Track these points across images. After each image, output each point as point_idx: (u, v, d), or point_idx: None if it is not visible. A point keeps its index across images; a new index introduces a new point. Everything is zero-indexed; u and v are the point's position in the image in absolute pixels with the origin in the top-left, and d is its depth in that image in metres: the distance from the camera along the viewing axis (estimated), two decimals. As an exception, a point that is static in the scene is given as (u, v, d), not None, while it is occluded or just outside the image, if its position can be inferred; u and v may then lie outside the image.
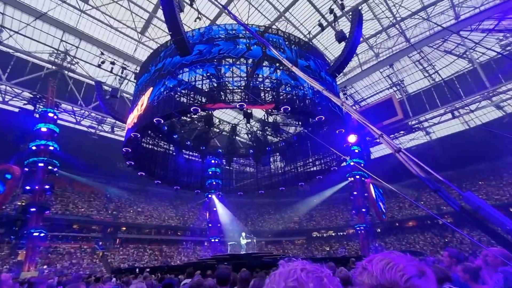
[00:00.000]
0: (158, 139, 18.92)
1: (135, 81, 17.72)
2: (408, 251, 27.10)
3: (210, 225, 27.98)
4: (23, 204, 20.38)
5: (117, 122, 23.95)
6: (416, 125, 28.88)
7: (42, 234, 18.87)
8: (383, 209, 26.29)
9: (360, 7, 19.03)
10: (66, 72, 23.59)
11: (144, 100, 13.42)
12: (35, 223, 18.42)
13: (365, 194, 25.11)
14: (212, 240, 27.60)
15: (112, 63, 19.49)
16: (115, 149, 23.03)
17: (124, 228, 31.21)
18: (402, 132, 29.41)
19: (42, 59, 22.42)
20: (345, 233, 36.12)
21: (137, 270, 12.45)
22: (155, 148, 18.79)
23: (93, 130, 26.77)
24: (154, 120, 12.43)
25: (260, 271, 5.90)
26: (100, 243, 28.50)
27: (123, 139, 17.54)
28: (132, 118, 14.07)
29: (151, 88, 13.21)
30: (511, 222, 0.85)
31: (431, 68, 26.50)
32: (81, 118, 25.59)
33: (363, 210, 24.81)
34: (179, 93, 12.41)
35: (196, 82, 12.59)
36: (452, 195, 1.11)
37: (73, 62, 23.44)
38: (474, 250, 16.82)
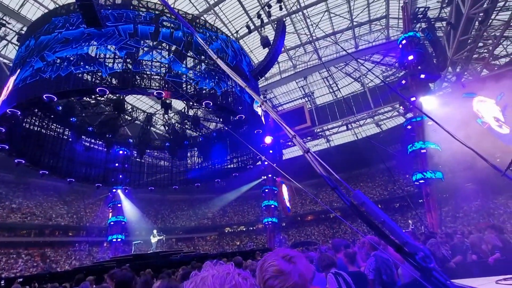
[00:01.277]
0: (48, 120, 15.48)
1: (18, 43, 14.02)
2: (305, 241, 30.97)
3: (112, 223, 24.87)
4: None
5: (-15, 92, 18.37)
6: (320, 133, 33.38)
7: None
8: (289, 205, 29.25)
9: (284, 19, 20.57)
10: None
11: (10, 82, 10.99)
12: None
13: (275, 192, 27.33)
14: (114, 239, 24.62)
15: (-16, 14, 14.82)
16: (-20, 128, 17.63)
17: (-14, 230, 24.27)
18: (309, 137, 33.40)
19: None
20: (255, 228, 38.33)
21: (2, 282, 9.83)
22: (43, 131, 15.31)
23: None
24: (44, 97, 10.12)
25: (168, 270, 5.59)
26: None
27: (-7, 115, 13.60)
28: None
29: (19, 70, 10.95)
30: (384, 215, 1.06)
31: (335, 85, 31.21)
32: None
33: (272, 206, 26.93)
34: (81, 69, 10.48)
35: (106, 59, 10.92)
36: (345, 193, 1.31)
37: None
38: (354, 238, 20.59)
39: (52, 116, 15.47)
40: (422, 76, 16.72)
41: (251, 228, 38.99)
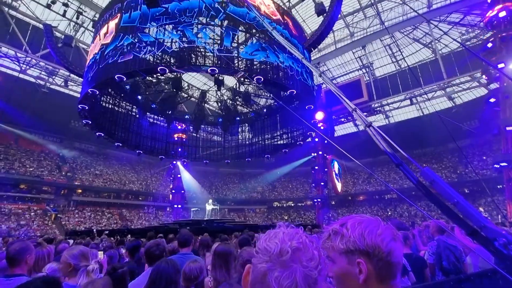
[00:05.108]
0: (119, 98, 17.52)
1: (93, 30, 15.78)
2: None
3: (173, 191, 27.91)
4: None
5: (71, 75, 21.53)
6: (378, 108, 30.65)
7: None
8: (339, 184, 28.42)
9: (342, -19, 18.57)
10: (5, 8, 20.03)
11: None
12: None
13: (325, 169, 26.72)
14: (175, 206, 27.74)
15: (65, 4, 16.93)
16: (69, 106, 21.00)
17: (79, 191, 29.69)
18: (365, 113, 30.77)
19: (-27, -12, 18.66)
20: (303, 204, 38.68)
21: (94, 232, 12.14)
22: (116, 108, 17.45)
23: (42, 82, 23.76)
24: (115, 77, 11.37)
25: (224, 235, 6.12)
26: (52, 205, 26.94)
27: (78, 94, 15.99)
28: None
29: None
30: (458, 195, 0.94)
31: (399, 54, 27.64)
32: (27, 67, 22.44)
33: (322, 183, 26.54)
34: (143, 50, 11.35)
35: (165, 40, 11.57)
36: (411, 170, 1.19)
37: (15, -2, 19.90)
38: (412, 221, 19.22)
39: (122, 95, 17.44)
40: (517, 36, 13.63)
41: (299, 204, 39.45)
